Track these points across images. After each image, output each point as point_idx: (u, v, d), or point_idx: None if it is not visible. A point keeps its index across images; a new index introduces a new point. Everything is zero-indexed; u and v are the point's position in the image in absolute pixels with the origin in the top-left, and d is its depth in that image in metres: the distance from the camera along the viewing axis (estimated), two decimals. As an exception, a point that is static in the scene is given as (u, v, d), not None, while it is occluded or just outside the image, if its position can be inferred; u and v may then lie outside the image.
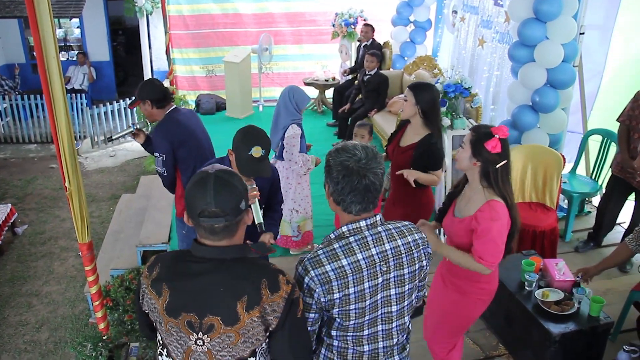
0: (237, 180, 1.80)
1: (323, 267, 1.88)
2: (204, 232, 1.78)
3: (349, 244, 1.93)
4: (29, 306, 5.20)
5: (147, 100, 3.82)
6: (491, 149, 2.54)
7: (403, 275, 2.00)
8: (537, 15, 4.63)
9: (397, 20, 8.27)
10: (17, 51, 11.35)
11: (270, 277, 1.78)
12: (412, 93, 3.53)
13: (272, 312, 1.75)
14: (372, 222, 1.97)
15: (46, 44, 2.62)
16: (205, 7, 9.31)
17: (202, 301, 1.75)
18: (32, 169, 8.57)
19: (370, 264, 1.92)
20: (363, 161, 1.89)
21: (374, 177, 1.90)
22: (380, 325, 2.02)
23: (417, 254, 2.03)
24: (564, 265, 3.56)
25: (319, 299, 1.90)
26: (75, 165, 2.91)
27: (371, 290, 1.94)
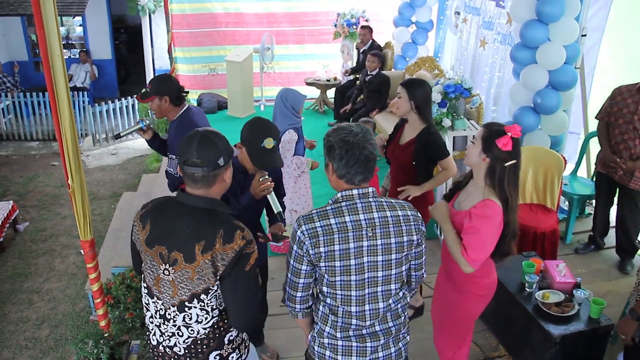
0: (221, 141, 2.13)
1: (313, 223, 2.12)
2: (187, 179, 2.10)
3: (340, 207, 2.15)
4: (30, 303, 5.21)
5: (166, 97, 3.71)
6: (502, 146, 2.55)
7: (390, 244, 2.15)
8: (540, 17, 4.64)
9: (399, 21, 8.27)
10: (19, 49, 11.36)
11: (228, 230, 2.04)
12: (404, 89, 3.59)
13: (221, 259, 2.03)
14: (364, 192, 2.17)
15: (51, 41, 2.63)
16: (207, 6, 9.31)
17: (171, 238, 2.08)
18: (34, 166, 8.58)
19: (356, 227, 2.12)
20: (360, 135, 2.14)
21: (371, 147, 2.15)
22: (367, 288, 2.18)
23: (406, 227, 2.18)
24: (564, 266, 3.57)
25: (307, 251, 2.12)
26: (78, 162, 2.92)
27: (356, 250, 2.13)
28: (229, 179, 2.20)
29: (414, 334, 3.98)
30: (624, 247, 4.77)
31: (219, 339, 2.23)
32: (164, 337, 2.23)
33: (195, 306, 2.13)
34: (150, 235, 2.13)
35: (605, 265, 4.87)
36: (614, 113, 4.43)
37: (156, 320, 2.23)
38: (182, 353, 2.22)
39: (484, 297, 2.87)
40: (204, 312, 2.14)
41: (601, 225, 4.96)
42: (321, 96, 9.12)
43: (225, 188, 2.21)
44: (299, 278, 2.20)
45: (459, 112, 5.16)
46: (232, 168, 2.24)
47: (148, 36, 10.06)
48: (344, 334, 2.24)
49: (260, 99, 9.20)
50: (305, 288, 2.23)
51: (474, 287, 2.81)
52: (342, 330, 2.23)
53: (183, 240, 2.06)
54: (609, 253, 4.98)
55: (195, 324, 2.16)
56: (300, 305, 2.27)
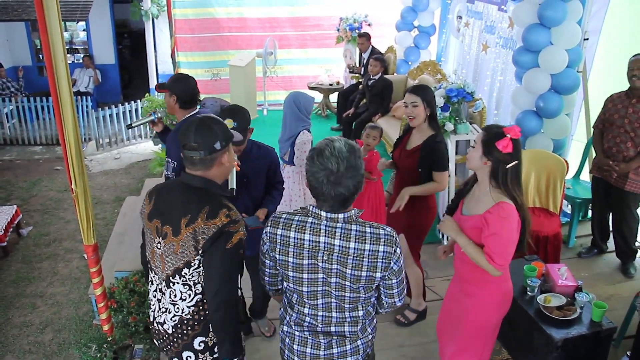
0: (218, 126, 2.22)
1: (276, 229, 2.15)
2: (187, 162, 2.22)
3: (305, 223, 2.11)
4: (34, 307, 5.22)
5: (175, 96, 3.63)
6: (502, 149, 2.55)
7: (344, 273, 2.08)
8: (542, 21, 4.65)
9: (402, 25, 8.29)
10: (23, 53, 11.40)
11: (213, 207, 2.14)
12: (420, 98, 3.53)
13: (202, 233, 2.12)
14: (332, 217, 2.07)
15: (55, 47, 2.65)
16: (210, 10, 9.34)
17: (166, 212, 2.22)
18: (37, 170, 8.60)
19: (313, 247, 2.09)
20: (333, 176, 1.97)
21: (345, 189, 1.99)
22: (321, 299, 2.17)
23: (369, 263, 2.06)
24: (566, 270, 3.56)
25: (267, 251, 2.20)
26: (81, 167, 2.93)
27: (310, 266, 2.11)
28: (228, 162, 2.27)
29: (417, 338, 4.00)
30: (623, 251, 4.77)
31: (204, 323, 2.28)
32: (159, 313, 2.35)
33: (178, 282, 2.22)
34: (151, 210, 2.28)
35: (608, 268, 4.87)
36: (607, 119, 4.52)
37: (158, 295, 2.36)
38: (170, 332, 2.32)
39: (501, 304, 2.84)
40: (187, 287, 2.22)
41: (600, 229, 4.96)
42: (324, 100, 9.13)
43: (225, 171, 2.29)
44: (265, 267, 2.28)
45: (462, 116, 5.16)
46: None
47: (151, 41, 10.09)
48: (299, 328, 2.27)
49: (263, 104, 9.21)
50: (270, 276, 2.30)
51: (490, 294, 2.80)
52: (297, 324, 2.27)
53: (173, 215, 2.19)
54: (612, 256, 4.98)
55: (180, 301, 2.25)
56: (269, 287, 2.37)
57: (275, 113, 8.93)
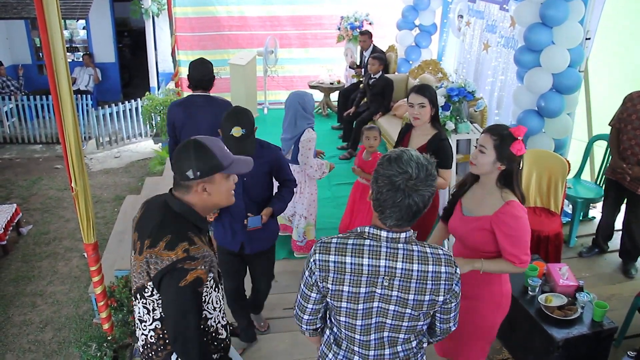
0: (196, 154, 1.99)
1: (327, 256, 1.94)
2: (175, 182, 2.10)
3: (362, 246, 1.92)
4: (33, 306, 5.21)
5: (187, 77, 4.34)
6: (517, 152, 2.53)
7: (406, 299, 1.92)
8: (544, 20, 4.64)
9: (403, 24, 8.28)
10: (23, 52, 11.40)
11: (174, 238, 1.98)
12: (427, 99, 3.53)
13: (155, 263, 1.97)
14: (393, 237, 1.91)
15: (54, 45, 2.64)
16: (211, 9, 9.33)
17: (143, 228, 2.10)
18: (37, 169, 8.59)
19: (372, 272, 1.90)
20: (412, 181, 1.81)
21: (419, 198, 1.83)
22: (374, 334, 2.00)
23: (433, 286, 1.92)
24: (567, 270, 3.56)
25: (316, 281, 1.97)
26: (81, 165, 2.93)
27: (367, 295, 1.93)
28: (215, 194, 2.06)
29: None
30: (628, 251, 4.76)
31: (167, 353, 2.15)
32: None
33: (139, 300, 2.11)
34: (137, 221, 2.19)
35: (609, 268, 4.86)
36: (624, 119, 4.42)
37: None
38: (141, 350, 2.24)
39: (498, 306, 2.83)
40: (146, 310, 2.10)
41: (607, 230, 4.94)
42: (325, 99, 9.13)
43: (209, 202, 2.09)
44: (308, 303, 2.06)
45: (463, 115, 5.15)
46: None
47: (152, 39, 10.08)
48: None
49: (263, 102, 9.21)
50: (313, 313, 2.09)
51: (490, 295, 2.79)
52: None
53: (144, 233, 2.07)
54: (613, 256, 4.97)
55: (141, 323, 2.16)
56: (306, 327, 2.16)
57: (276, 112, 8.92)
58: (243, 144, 3.02)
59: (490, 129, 2.67)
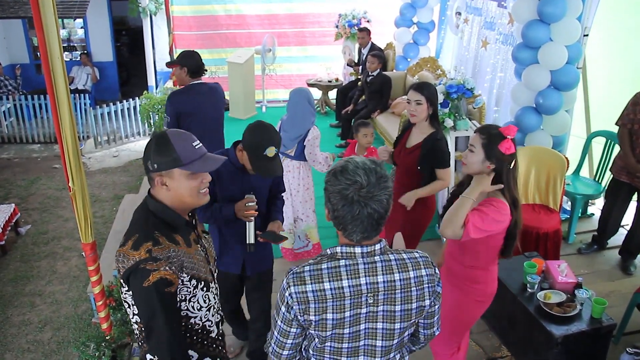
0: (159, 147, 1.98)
1: (304, 286, 1.79)
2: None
3: (338, 268, 1.80)
4: (32, 306, 5.21)
5: (185, 67, 4.40)
6: (505, 151, 2.53)
7: (394, 312, 1.83)
8: (541, 17, 4.63)
9: (401, 22, 8.27)
10: (21, 51, 11.38)
11: (140, 238, 1.98)
12: (424, 97, 3.51)
13: (122, 262, 1.98)
14: (368, 251, 1.81)
15: (51, 44, 2.63)
16: (208, 8, 9.33)
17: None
18: (36, 169, 8.58)
19: (355, 293, 1.79)
20: (364, 190, 1.72)
21: (378, 204, 1.73)
22: (362, 356, 1.89)
23: (417, 292, 1.85)
24: (566, 266, 3.56)
25: (295, 316, 1.83)
26: (79, 165, 2.92)
27: (352, 319, 1.82)
28: (175, 190, 2.02)
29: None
30: (630, 250, 4.75)
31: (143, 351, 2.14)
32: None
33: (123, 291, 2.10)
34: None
35: (607, 265, 4.86)
36: (637, 120, 4.34)
37: None
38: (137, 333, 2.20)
39: (483, 303, 2.86)
40: (126, 304, 2.10)
41: (612, 228, 4.91)
42: (323, 97, 9.12)
43: (174, 199, 2.05)
44: (287, 339, 1.91)
45: (461, 113, 5.15)
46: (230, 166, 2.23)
47: (149, 38, 10.07)
48: None
49: (262, 101, 9.20)
50: (292, 347, 1.94)
51: (475, 292, 2.81)
52: None
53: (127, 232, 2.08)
54: (612, 253, 4.97)
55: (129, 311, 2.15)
56: None
57: (274, 110, 8.92)
58: (274, 164, 2.90)
59: (479, 128, 2.70)
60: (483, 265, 2.76)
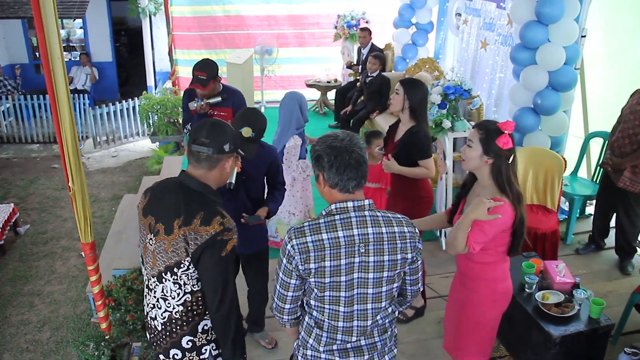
0: (230, 130, 2.29)
1: (304, 238, 2.04)
2: (192, 158, 2.23)
3: (333, 221, 2.06)
4: (31, 306, 5.21)
5: (218, 77, 4.24)
6: (503, 146, 2.53)
7: (382, 262, 2.07)
8: (539, 18, 4.65)
9: (399, 23, 8.28)
10: (20, 51, 11.37)
11: (207, 213, 2.15)
12: (402, 88, 3.68)
13: (194, 238, 2.12)
14: (359, 205, 2.08)
15: (51, 44, 2.64)
16: (207, 9, 9.33)
17: (159, 210, 2.24)
18: (35, 169, 8.58)
19: (349, 243, 2.04)
20: (346, 140, 2.06)
21: (360, 150, 2.06)
22: (356, 305, 2.12)
23: (401, 244, 2.10)
24: (564, 267, 3.57)
25: (297, 266, 2.06)
26: (78, 165, 2.93)
27: (347, 267, 2.05)
28: (230, 169, 2.30)
29: (415, 335, 4.00)
30: (623, 248, 4.78)
31: (193, 324, 2.28)
32: (149, 308, 2.39)
33: (169, 279, 2.22)
34: (146, 206, 2.31)
35: (605, 265, 4.88)
36: (622, 113, 4.48)
37: (146, 289, 2.41)
38: (160, 329, 2.33)
39: (496, 303, 2.83)
40: (177, 286, 2.22)
41: (601, 226, 4.96)
42: (322, 98, 9.13)
43: (223, 178, 2.30)
44: (288, 291, 2.15)
45: (459, 114, 5.16)
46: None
47: (149, 38, 10.07)
48: (327, 348, 2.20)
49: (260, 102, 9.20)
50: (293, 300, 2.18)
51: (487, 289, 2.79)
52: (326, 345, 2.19)
53: (167, 214, 2.20)
54: (610, 253, 4.99)
55: (170, 299, 2.26)
56: (288, 317, 2.24)
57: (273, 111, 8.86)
58: (246, 146, 3.07)
59: (477, 124, 2.71)
60: (492, 262, 2.74)
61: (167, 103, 7.97)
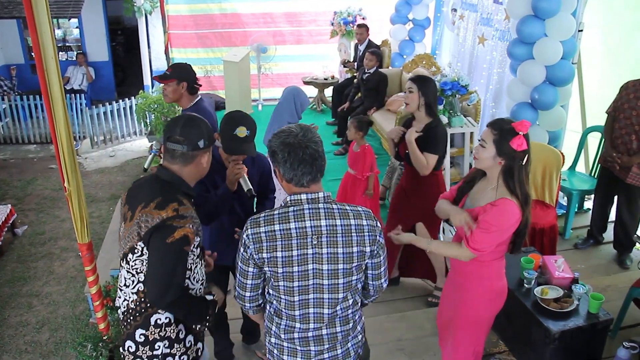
0: (204, 125, 2.29)
1: (258, 228, 2.07)
2: (167, 155, 2.25)
3: (287, 213, 2.08)
4: (29, 307, 5.20)
5: (184, 82, 3.93)
6: (517, 147, 2.47)
7: (337, 254, 2.07)
8: (536, 13, 4.63)
9: (396, 19, 8.27)
10: (16, 52, 11.33)
11: (165, 199, 2.15)
12: (416, 85, 3.68)
13: (145, 221, 2.12)
14: (312, 198, 2.09)
15: (44, 44, 2.62)
16: (203, 7, 9.31)
17: (132, 200, 2.26)
18: (32, 169, 8.57)
19: (301, 234, 2.05)
20: (300, 134, 2.07)
21: (315, 145, 2.07)
22: (312, 294, 2.12)
23: (358, 237, 2.09)
24: (563, 262, 3.56)
25: (251, 254, 2.09)
26: (74, 165, 2.91)
27: (300, 258, 2.07)
28: (206, 164, 2.31)
29: (414, 331, 4.00)
30: (621, 242, 4.77)
31: (145, 316, 2.26)
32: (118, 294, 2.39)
33: (124, 266, 2.25)
34: (125, 197, 2.34)
35: (604, 260, 4.88)
36: (618, 107, 4.43)
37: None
38: (121, 318, 2.35)
39: (491, 301, 2.82)
40: (130, 274, 2.23)
41: (599, 220, 4.95)
42: (319, 95, 9.12)
43: (200, 173, 2.32)
44: (247, 279, 2.17)
45: (456, 109, 5.15)
46: (214, 160, 2.41)
47: (145, 37, 10.05)
48: (288, 337, 2.21)
49: (257, 100, 9.19)
50: (253, 288, 2.20)
51: (479, 289, 2.78)
52: (286, 332, 2.20)
53: (135, 201, 2.22)
54: (608, 248, 4.98)
55: (125, 287, 2.27)
56: (249, 304, 2.26)
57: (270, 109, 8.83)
58: (248, 145, 2.95)
59: (492, 123, 2.63)
60: (489, 260, 2.71)
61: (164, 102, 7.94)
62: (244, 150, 2.94)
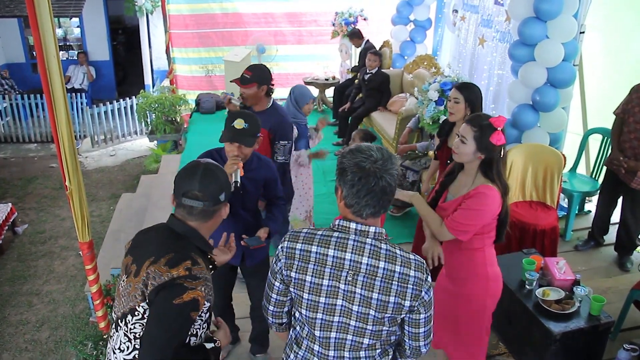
0: (222, 175, 2.06)
1: (295, 244, 1.93)
2: (183, 211, 2.00)
3: (329, 237, 1.90)
4: (30, 305, 5.20)
5: (265, 86, 3.99)
6: (496, 142, 2.56)
7: (370, 298, 1.85)
8: (538, 14, 4.63)
9: (397, 20, 8.26)
10: (17, 50, 11.35)
11: (177, 256, 1.90)
12: (462, 95, 3.62)
13: (153, 279, 1.87)
14: (362, 230, 1.88)
15: (46, 43, 2.62)
16: (205, 6, 9.31)
17: (138, 251, 2.01)
18: (32, 168, 8.57)
19: (337, 265, 1.87)
20: (379, 162, 1.82)
21: (390, 178, 1.83)
22: (335, 332, 1.93)
23: (399, 287, 1.85)
24: (564, 264, 3.56)
25: (280, 269, 1.95)
26: (75, 164, 2.91)
27: (329, 289, 1.89)
28: (226, 215, 2.10)
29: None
30: (623, 245, 4.76)
31: None
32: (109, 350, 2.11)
33: (121, 327, 1.98)
34: (130, 247, 2.10)
35: (604, 262, 4.87)
36: (628, 110, 4.38)
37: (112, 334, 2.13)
38: None
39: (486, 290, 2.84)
40: (127, 338, 1.96)
41: (601, 222, 4.94)
42: (320, 95, 9.11)
43: (213, 224, 2.08)
44: (272, 292, 2.03)
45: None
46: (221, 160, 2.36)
47: (146, 37, 10.06)
48: None
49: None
50: (277, 304, 2.05)
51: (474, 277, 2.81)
52: None
53: (142, 254, 1.97)
54: (609, 250, 4.98)
55: (119, 352, 1.99)
56: (272, 319, 2.11)
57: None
58: (240, 136, 2.92)
59: (470, 119, 2.71)
60: (481, 247, 2.78)
61: (165, 101, 7.96)
62: (235, 138, 2.93)
